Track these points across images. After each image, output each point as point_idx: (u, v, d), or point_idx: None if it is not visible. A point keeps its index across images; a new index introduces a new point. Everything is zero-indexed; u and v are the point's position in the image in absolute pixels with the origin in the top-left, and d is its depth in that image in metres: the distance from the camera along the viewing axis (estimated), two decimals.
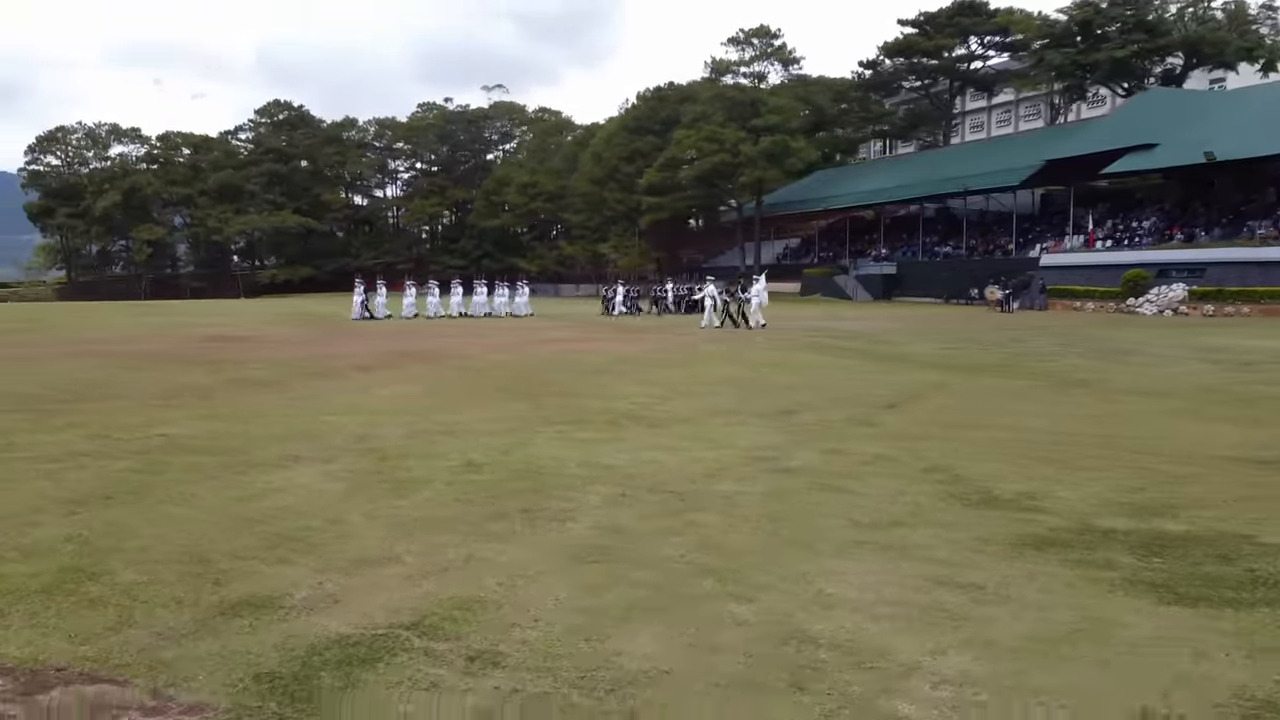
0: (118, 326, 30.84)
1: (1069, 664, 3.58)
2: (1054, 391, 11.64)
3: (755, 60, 61.55)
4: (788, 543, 5.22)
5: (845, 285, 52.80)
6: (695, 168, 59.29)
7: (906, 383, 12.66)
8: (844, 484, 6.65)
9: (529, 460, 7.60)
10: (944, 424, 9.25)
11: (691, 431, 9.00)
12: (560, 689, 3.39)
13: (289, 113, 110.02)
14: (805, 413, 10.13)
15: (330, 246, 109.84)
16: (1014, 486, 6.49)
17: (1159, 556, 4.89)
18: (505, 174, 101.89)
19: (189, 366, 15.84)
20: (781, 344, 20.03)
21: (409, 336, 24.38)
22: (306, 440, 8.60)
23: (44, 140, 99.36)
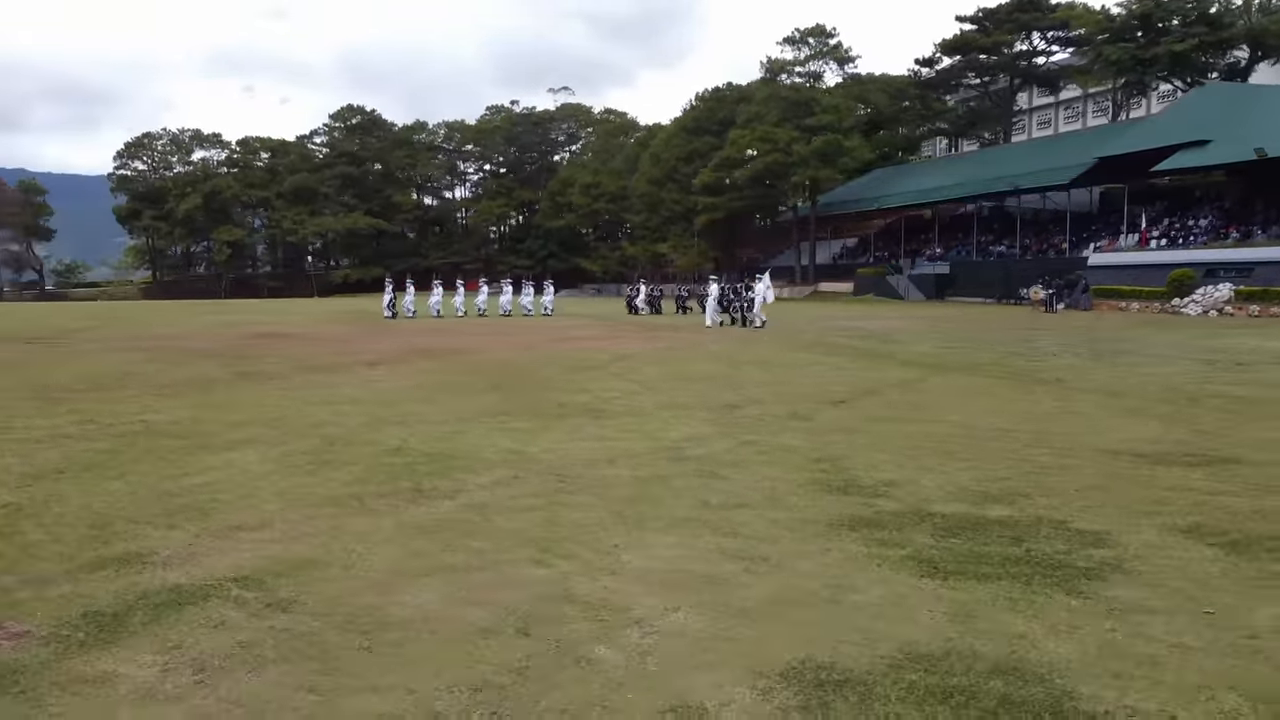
0: (178, 323, 32.49)
1: (775, 621, 4.01)
2: (1018, 389, 11.78)
3: (810, 60, 61.29)
4: (624, 520, 5.70)
5: (897, 285, 52.37)
6: (749, 168, 59.40)
7: (875, 380, 12.92)
8: (726, 471, 7.08)
9: (455, 447, 8.18)
10: (877, 419, 9.56)
11: (631, 424, 9.47)
12: (323, 629, 3.96)
13: (361, 117, 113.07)
14: (753, 407, 10.51)
15: (401, 247, 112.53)
16: (884, 475, 6.85)
17: (956, 537, 5.24)
18: (569, 175, 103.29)
19: (214, 360, 16.86)
20: (784, 343, 20.30)
21: (433, 334, 25.28)
22: (270, 427, 9.33)
23: (131, 146, 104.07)
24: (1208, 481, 6.52)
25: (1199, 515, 5.62)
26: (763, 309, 26.73)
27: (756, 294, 26.91)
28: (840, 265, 64.22)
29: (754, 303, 26.94)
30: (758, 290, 27.01)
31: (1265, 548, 4.98)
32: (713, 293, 28.32)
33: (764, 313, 26.71)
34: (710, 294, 28.33)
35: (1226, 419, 9.26)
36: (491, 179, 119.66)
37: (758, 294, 26.88)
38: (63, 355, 18.58)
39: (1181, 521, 5.49)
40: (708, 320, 28.02)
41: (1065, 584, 4.42)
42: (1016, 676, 3.40)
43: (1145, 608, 4.12)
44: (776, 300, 60.39)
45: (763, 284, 27.36)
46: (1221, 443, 7.96)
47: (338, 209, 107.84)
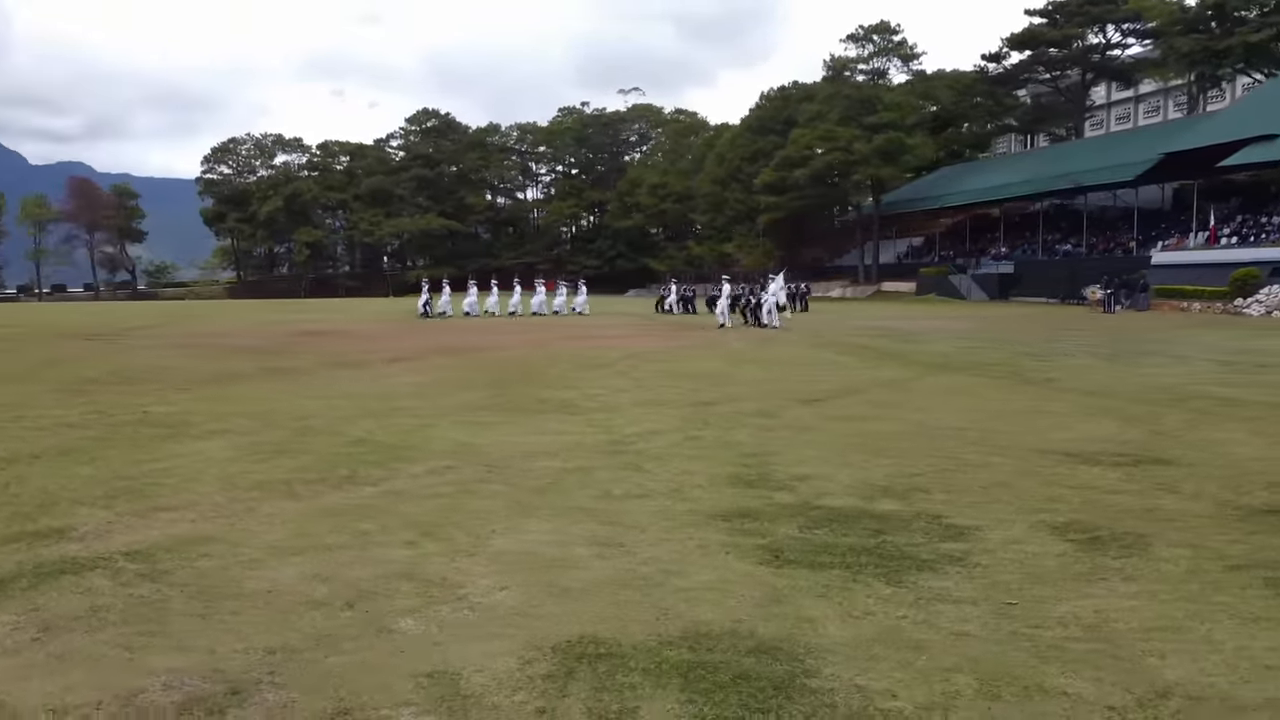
0: (237, 321, 33.88)
1: (588, 600, 4.24)
2: (1004, 389, 11.69)
3: (874, 57, 60.60)
4: (520, 508, 5.97)
5: (959, 285, 51.48)
6: (810, 167, 59.03)
7: (868, 379, 12.93)
8: (653, 465, 7.29)
9: (415, 439, 8.56)
10: (840, 417, 9.64)
11: (599, 419, 9.73)
12: (175, 598, 4.33)
13: (436, 120, 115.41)
14: (728, 404, 10.67)
15: (473, 247, 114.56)
16: (803, 470, 6.98)
17: (824, 529, 5.37)
18: (638, 175, 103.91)
19: (249, 356, 17.66)
20: (802, 343, 20.29)
21: (463, 333, 25.89)
22: (255, 419, 9.85)
23: (217, 151, 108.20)
24: (1118, 481, 6.50)
25: (1082, 513, 5.64)
26: (776, 312, 26.54)
27: (768, 295, 26.79)
28: (905, 265, 63.39)
29: (764, 303, 26.82)
30: (770, 291, 26.95)
31: (1122, 544, 5.01)
32: (725, 292, 28.20)
33: (777, 315, 26.54)
34: (722, 294, 28.15)
35: (1194, 420, 9.09)
36: (563, 180, 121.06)
37: (769, 295, 26.75)
38: (112, 351, 19.66)
39: (1059, 519, 5.52)
40: (719, 320, 27.85)
41: (893, 575, 4.54)
42: (772, 656, 3.57)
43: (953, 598, 4.23)
44: (834, 300, 59.97)
45: (774, 285, 27.28)
46: (1169, 443, 7.87)
47: (413, 210, 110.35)
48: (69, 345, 21.22)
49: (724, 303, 27.95)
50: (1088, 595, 4.24)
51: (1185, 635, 3.76)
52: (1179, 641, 3.69)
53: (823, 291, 67.36)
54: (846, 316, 34.04)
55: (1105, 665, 3.48)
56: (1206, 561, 4.70)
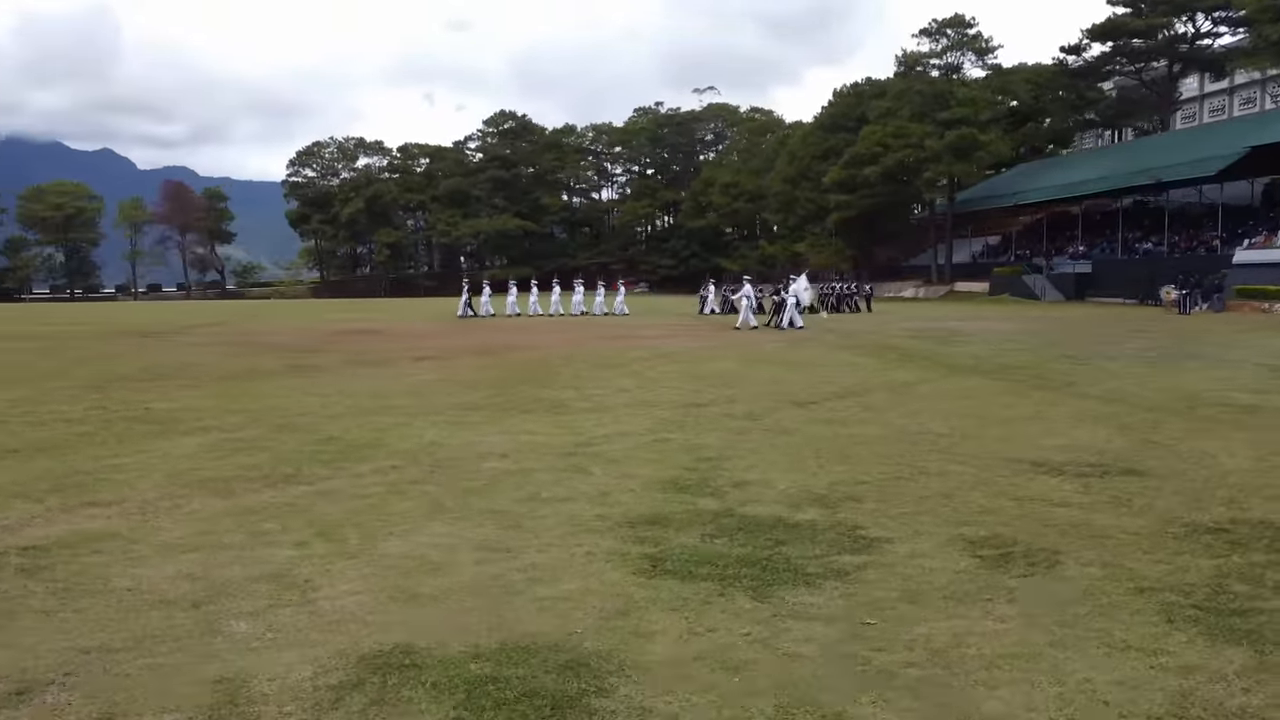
0: (295, 320, 34.77)
1: (432, 607, 4.14)
2: (1013, 394, 11.18)
3: (948, 51, 59.02)
4: (435, 509, 5.90)
5: (1034, 285, 49.81)
6: (880, 164, 57.82)
7: (878, 381, 12.53)
8: (600, 467, 7.16)
9: (383, 437, 8.58)
10: (822, 420, 9.35)
11: (580, 420, 9.62)
12: (38, 593, 4.37)
13: (513, 122, 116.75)
14: (720, 406, 10.45)
15: (549, 248, 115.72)
16: (747, 476, 6.76)
17: (726, 538, 5.17)
18: (711, 175, 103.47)
19: (281, 354, 18.05)
20: (831, 344, 19.80)
21: (502, 332, 26.05)
22: (246, 415, 10.03)
23: (302, 154, 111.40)
24: (1072, 493, 6.11)
25: (1010, 527, 5.32)
26: (797, 313, 26.07)
27: (789, 296, 26.28)
28: (980, 264, 61.64)
29: (785, 304, 26.32)
30: (792, 292, 26.42)
31: (1031, 561, 4.70)
32: (746, 292, 27.48)
33: (799, 316, 26.05)
34: (743, 293, 27.39)
35: (1197, 429, 8.54)
36: (638, 180, 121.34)
37: (791, 296, 26.24)
38: (157, 348, 20.33)
39: (982, 532, 5.22)
40: (739, 320, 27.05)
41: (764, 589, 4.33)
42: (577, 673, 3.41)
43: (811, 615, 4.00)
44: (905, 300, 58.68)
45: (796, 285, 26.73)
46: (1154, 453, 7.39)
47: (489, 211, 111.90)
48: (119, 342, 22.01)
49: (746, 303, 27.30)
50: (957, 617, 3.97)
51: (1034, 664, 3.48)
52: (1023, 671, 3.41)
53: (895, 292, 66.08)
54: (902, 317, 33.24)
55: (926, 695, 3.24)
56: (1112, 583, 4.37)
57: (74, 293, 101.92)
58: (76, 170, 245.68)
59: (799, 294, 26.74)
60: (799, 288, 26.85)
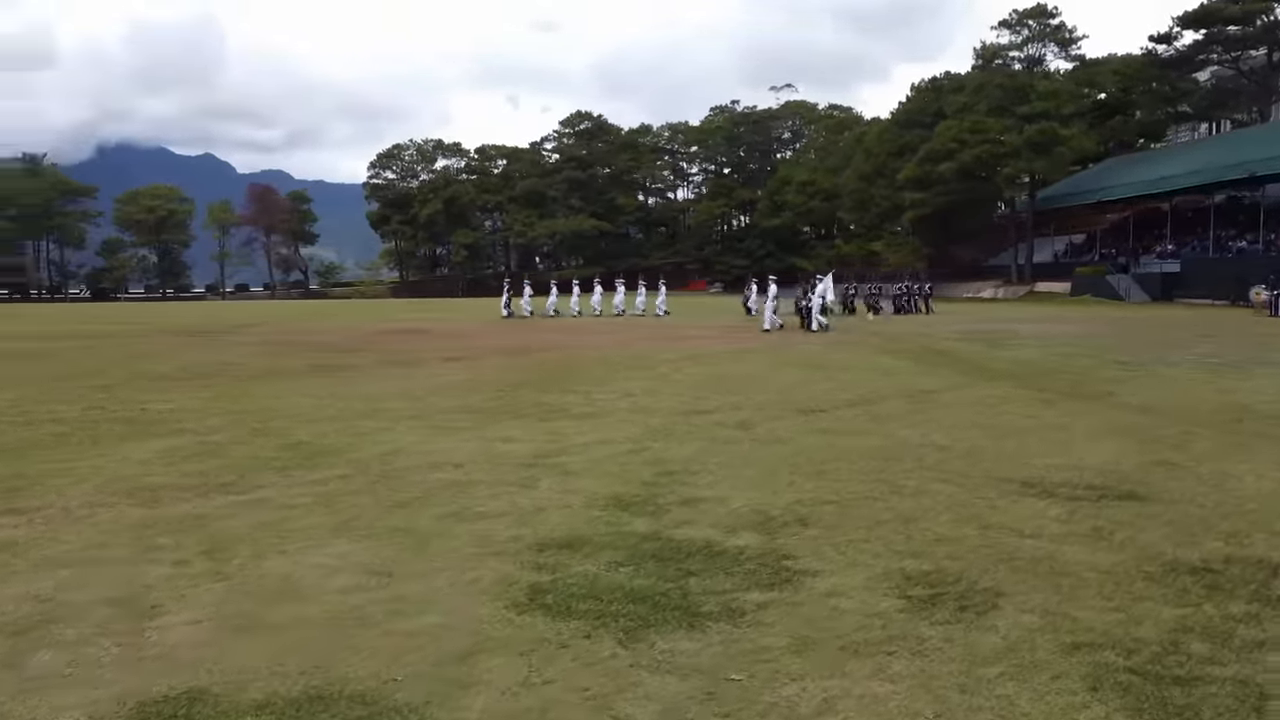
0: (353, 318, 35.16)
1: (266, 639, 3.75)
2: (1037, 404, 10.33)
3: (1028, 43, 56.81)
4: (347, 526, 5.53)
5: (1118, 285, 47.57)
6: (956, 160, 56.00)
7: (898, 388, 11.76)
8: (547, 480, 6.72)
9: (354, 443, 8.29)
10: (820, 430, 8.72)
11: (573, 427, 9.19)
12: None
13: (589, 122, 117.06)
14: (724, 413, 9.90)
15: (623, 248, 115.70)
16: (703, 493, 6.25)
17: (633, 566, 4.67)
18: (787, 173, 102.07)
19: (314, 353, 18.09)
20: (872, 347, 18.93)
21: (546, 332, 25.77)
22: (229, 417, 9.88)
23: (383, 157, 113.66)
24: (1052, 520, 5.43)
25: (961, 560, 4.70)
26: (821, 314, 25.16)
27: (815, 297, 25.31)
28: (1063, 264, 59.21)
29: (814, 305, 25.33)
30: (818, 292, 25.45)
31: (962, 604, 4.08)
32: (771, 293, 26.34)
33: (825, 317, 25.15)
34: (768, 294, 26.28)
35: (1228, 447, 7.66)
36: (714, 179, 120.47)
37: (816, 297, 25.29)
38: (201, 347, 20.61)
39: (925, 566, 4.61)
40: (765, 324, 25.91)
41: (638, 631, 3.82)
42: None
43: (675, 666, 3.48)
44: (984, 301, 56.75)
45: (821, 286, 25.72)
46: (1167, 475, 6.60)
47: (565, 211, 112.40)
48: (168, 341, 22.39)
49: (771, 304, 26.15)
50: (842, 675, 3.40)
51: None
52: None
53: (974, 292, 63.99)
54: (965, 318, 31.97)
55: None
56: (1046, 635, 3.73)
57: (166, 292, 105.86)
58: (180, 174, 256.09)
59: (824, 295, 25.74)
60: (824, 288, 25.84)
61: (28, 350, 19.70)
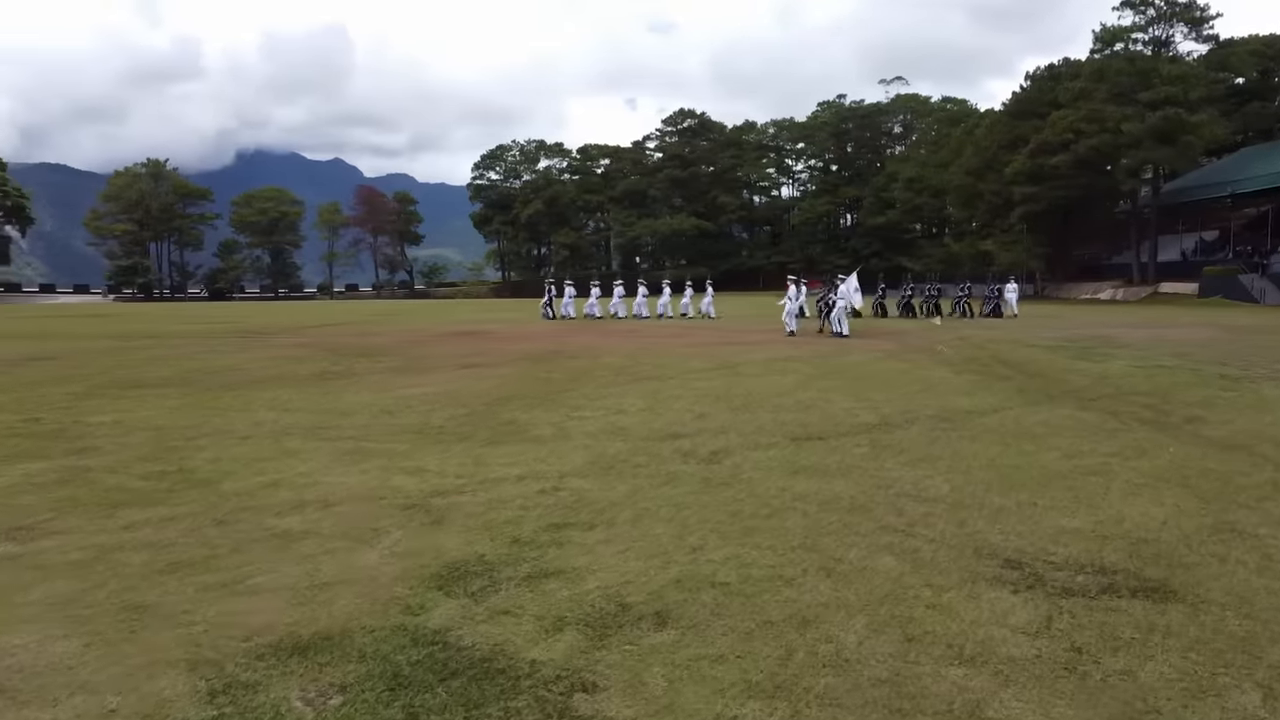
0: (418, 320, 34.65)
1: None
2: (1097, 434, 8.37)
3: (1154, 24, 52.48)
4: (70, 599, 4.29)
5: (1252, 286, 43.37)
6: (1072, 151, 52.19)
7: (934, 408, 9.90)
8: (400, 533, 5.37)
9: (238, 471, 7.14)
10: (797, 468, 7.08)
11: (516, 455, 7.84)
12: None
13: (692, 120, 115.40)
14: (699, 438, 8.35)
15: (725, 247, 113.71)
16: (575, 561, 4.81)
17: (359, 692, 3.26)
18: (895, 169, 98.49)
19: (338, 358, 17.20)
20: (935, 356, 16.81)
21: (586, 335, 24.36)
22: (151, 434, 8.87)
23: (486, 158, 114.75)
24: (1004, 635, 3.75)
25: (822, 710, 3.10)
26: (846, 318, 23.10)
27: (839, 298, 23.17)
28: (1192, 263, 54.67)
29: (834, 306, 23.20)
30: (840, 293, 23.23)
31: None
32: (790, 295, 24.14)
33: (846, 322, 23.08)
34: (789, 296, 24.10)
35: None
36: (819, 176, 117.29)
37: (840, 297, 23.14)
38: (237, 348, 20.05)
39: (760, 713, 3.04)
40: (788, 327, 23.77)
41: None
42: None
43: None
44: (1102, 303, 52.75)
45: (846, 286, 23.42)
46: (1232, 552, 4.78)
47: (666, 210, 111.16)
48: (206, 344, 21.91)
49: (792, 306, 23.96)
50: None
51: None
52: None
53: (1091, 293, 59.83)
54: (1064, 323, 29.15)
55: None
56: None
57: (278, 292, 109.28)
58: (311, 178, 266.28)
59: (848, 296, 23.53)
60: (848, 289, 23.59)
61: (49, 352, 19.46)
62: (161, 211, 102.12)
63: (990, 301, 35.97)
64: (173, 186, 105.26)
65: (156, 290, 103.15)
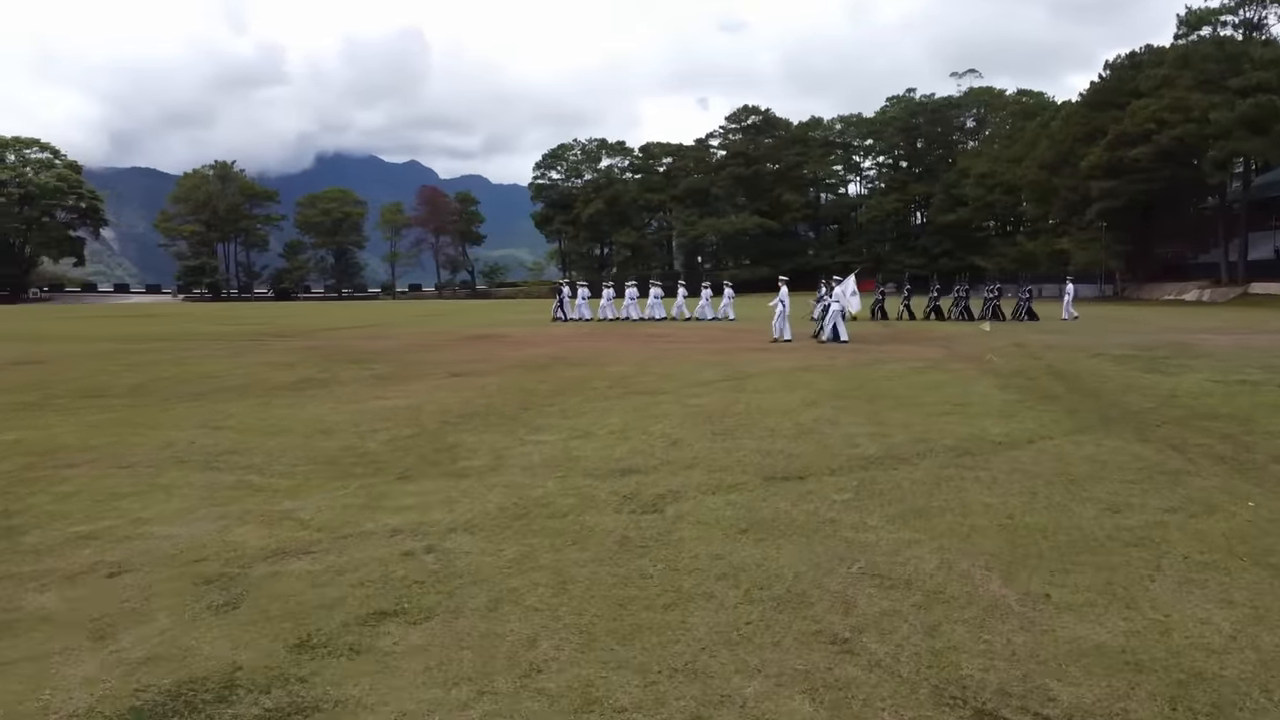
0: (455, 321, 33.61)
1: None
2: (1156, 477, 6.59)
3: (1245, 4, 48.93)
4: None
5: None
6: (1153, 143, 48.99)
7: (954, 437, 8.17)
8: (166, 615, 3.97)
9: (67, 515, 5.88)
10: (742, 526, 5.53)
11: (441, 491, 6.46)
12: None
13: (756, 117, 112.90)
14: (655, 474, 6.84)
15: (789, 246, 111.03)
16: (351, 691, 3.32)
17: None
18: (966, 165, 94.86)
19: (330, 365, 16.10)
20: (980, 365, 14.90)
21: (600, 339, 22.88)
22: (32, 458, 7.71)
23: (548, 157, 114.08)
24: None
25: None
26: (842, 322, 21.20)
27: (832, 301, 21.26)
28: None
29: (830, 310, 21.30)
30: (836, 295, 21.25)
31: None
32: (780, 296, 22.25)
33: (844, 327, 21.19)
34: (780, 299, 22.18)
35: None
36: (888, 173, 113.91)
37: (835, 302, 21.23)
38: (230, 353, 19.09)
39: None
40: (775, 333, 21.96)
41: None
42: None
43: None
44: (1187, 304, 49.39)
45: (841, 289, 21.40)
46: None
47: (729, 209, 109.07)
48: (212, 348, 21.04)
49: (780, 309, 21.98)
50: None
51: None
52: None
53: (1175, 294, 56.28)
54: (1139, 326, 26.70)
55: None
56: None
57: (342, 292, 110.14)
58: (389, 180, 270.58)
59: (844, 299, 21.57)
60: (844, 292, 21.59)
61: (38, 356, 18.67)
62: (228, 212, 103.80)
63: (1023, 304, 33.05)
64: (239, 187, 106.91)
65: (224, 290, 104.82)
